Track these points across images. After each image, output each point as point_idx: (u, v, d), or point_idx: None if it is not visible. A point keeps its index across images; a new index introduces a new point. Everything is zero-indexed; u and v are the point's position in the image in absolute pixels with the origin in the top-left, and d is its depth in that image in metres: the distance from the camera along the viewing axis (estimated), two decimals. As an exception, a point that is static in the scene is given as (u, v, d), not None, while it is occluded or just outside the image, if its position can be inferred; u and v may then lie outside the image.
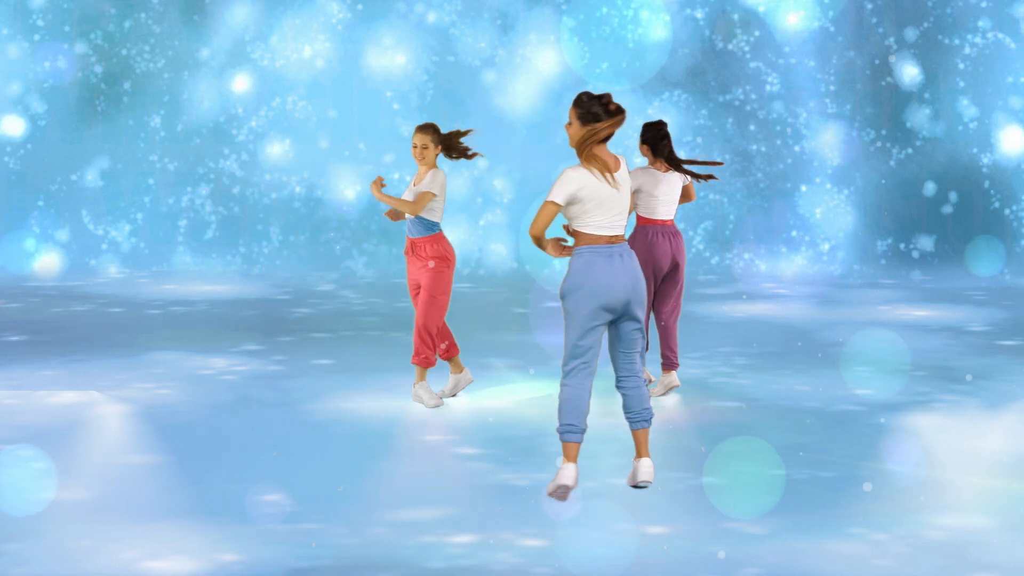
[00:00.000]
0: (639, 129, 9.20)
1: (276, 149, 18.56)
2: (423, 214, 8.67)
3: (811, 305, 14.35)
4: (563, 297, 6.40)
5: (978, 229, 18.00)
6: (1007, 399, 9.11)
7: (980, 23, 18.20)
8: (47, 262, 17.65)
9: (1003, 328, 12.63)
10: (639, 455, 6.60)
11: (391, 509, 6.36)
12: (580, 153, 6.34)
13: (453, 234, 18.25)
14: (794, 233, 18.30)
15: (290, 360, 10.48)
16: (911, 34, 18.35)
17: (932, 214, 18.24)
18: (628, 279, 6.38)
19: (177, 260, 18.00)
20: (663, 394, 9.11)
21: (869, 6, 18.49)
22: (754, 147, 18.56)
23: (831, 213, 18.33)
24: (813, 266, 17.90)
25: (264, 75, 18.57)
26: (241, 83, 18.56)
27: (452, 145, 8.87)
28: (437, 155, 8.78)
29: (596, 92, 6.40)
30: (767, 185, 18.46)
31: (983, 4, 18.17)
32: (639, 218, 9.15)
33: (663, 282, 9.13)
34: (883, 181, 18.39)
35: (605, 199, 6.35)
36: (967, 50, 18.23)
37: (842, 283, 16.59)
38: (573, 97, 6.50)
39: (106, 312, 13.65)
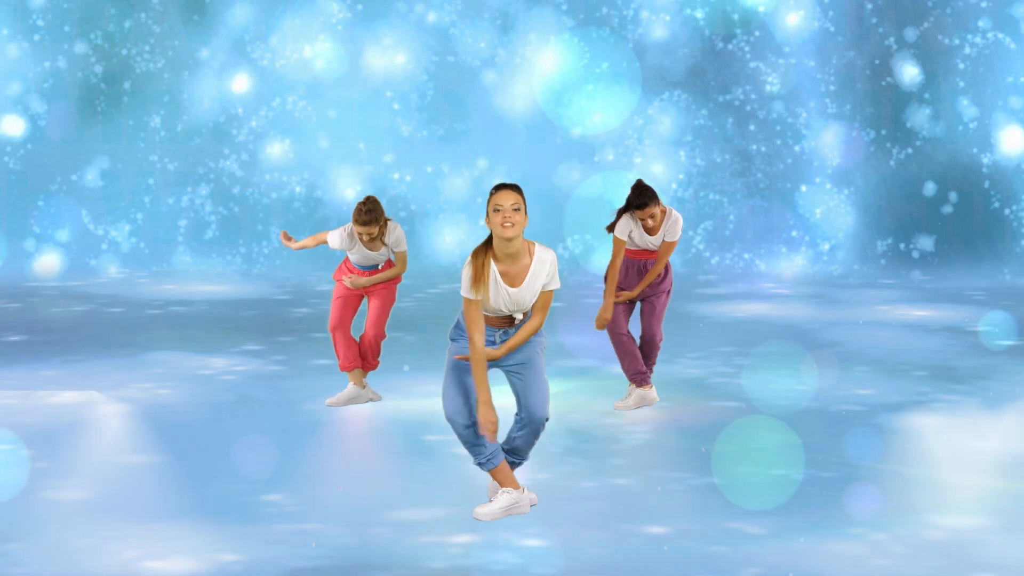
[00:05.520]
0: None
1: (276, 149, 18.56)
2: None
3: (811, 305, 14.35)
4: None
5: (978, 230, 18.00)
6: (1007, 399, 9.11)
7: (980, 23, 18.20)
8: (47, 262, 17.65)
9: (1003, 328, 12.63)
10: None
11: (391, 509, 6.36)
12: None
13: (453, 234, 18.26)
14: (794, 233, 18.30)
15: (290, 360, 10.48)
16: (911, 34, 18.35)
17: (932, 214, 18.23)
18: None
19: (177, 260, 18.00)
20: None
21: (869, 6, 18.49)
22: (754, 147, 18.55)
23: (831, 213, 18.32)
24: (813, 266, 17.90)
25: (264, 75, 18.57)
26: (241, 83, 18.56)
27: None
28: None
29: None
30: (767, 185, 18.46)
31: (983, 4, 18.17)
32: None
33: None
34: (883, 184, 18.39)
35: None
36: (967, 50, 18.23)
37: (842, 283, 16.58)
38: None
39: (106, 312, 13.65)
